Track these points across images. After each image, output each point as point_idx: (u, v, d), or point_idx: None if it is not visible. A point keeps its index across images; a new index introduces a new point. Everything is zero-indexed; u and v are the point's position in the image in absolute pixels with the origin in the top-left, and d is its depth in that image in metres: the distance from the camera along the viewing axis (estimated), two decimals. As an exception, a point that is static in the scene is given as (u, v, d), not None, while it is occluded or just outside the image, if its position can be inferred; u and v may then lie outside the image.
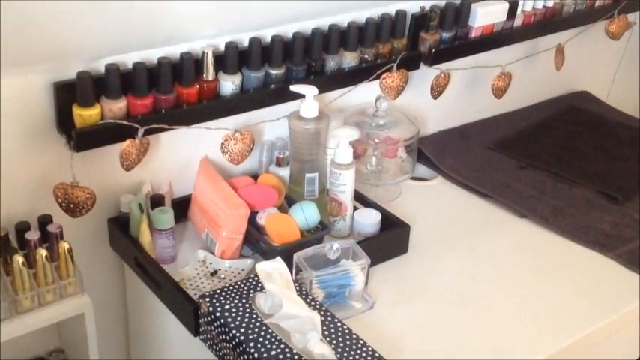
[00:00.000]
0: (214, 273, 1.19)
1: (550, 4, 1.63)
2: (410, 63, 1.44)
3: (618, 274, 1.27)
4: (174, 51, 1.19)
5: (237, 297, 1.03)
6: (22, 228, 1.08)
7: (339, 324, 1.01)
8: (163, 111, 1.17)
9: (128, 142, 1.13)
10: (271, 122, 1.32)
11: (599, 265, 1.30)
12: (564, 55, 1.72)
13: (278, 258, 1.04)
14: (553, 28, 1.67)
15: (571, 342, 1.13)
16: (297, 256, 1.11)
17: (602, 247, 1.33)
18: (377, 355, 0.96)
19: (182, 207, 1.28)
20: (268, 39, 1.27)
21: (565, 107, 1.87)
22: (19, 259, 1.00)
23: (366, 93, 1.42)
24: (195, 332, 1.07)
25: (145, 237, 1.18)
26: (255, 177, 1.32)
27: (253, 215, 1.21)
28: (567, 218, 1.40)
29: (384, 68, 1.40)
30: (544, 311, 1.18)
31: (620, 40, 1.80)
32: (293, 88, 1.25)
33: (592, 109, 1.87)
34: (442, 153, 1.58)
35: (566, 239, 1.35)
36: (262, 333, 0.97)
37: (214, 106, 1.22)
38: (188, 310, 1.06)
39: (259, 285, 1.05)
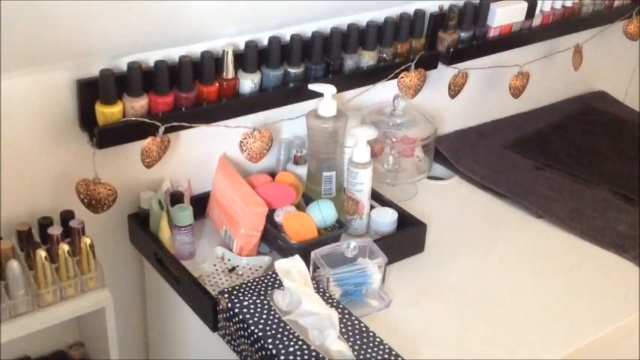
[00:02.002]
0: (232, 270, 1.20)
1: (569, 4, 1.63)
2: (428, 62, 1.44)
3: (635, 276, 1.27)
4: (195, 50, 1.20)
5: (256, 293, 1.04)
6: (44, 223, 1.10)
7: (356, 322, 1.02)
8: (184, 109, 1.18)
9: (149, 139, 1.14)
10: (290, 121, 1.33)
11: (616, 266, 1.30)
12: (582, 55, 1.72)
13: (297, 256, 1.05)
14: (571, 28, 1.67)
15: (587, 343, 1.13)
16: (314, 254, 1.12)
17: (618, 248, 1.33)
18: (394, 352, 0.97)
19: (201, 204, 1.29)
20: (287, 38, 1.27)
21: (582, 107, 1.86)
22: (41, 253, 1.02)
23: (383, 92, 1.43)
24: (214, 328, 1.08)
25: (165, 233, 1.19)
26: (273, 175, 1.33)
27: (271, 213, 1.22)
28: (584, 219, 1.40)
29: (402, 67, 1.40)
30: (560, 312, 1.18)
31: (639, 40, 1.80)
32: (311, 87, 1.26)
33: (609, 110, 1.87)
34: (459, 152, 1.58)
35: (582, 240, 1.35)
36: (280, 329, 0.98)
37: (234, 105, 1.23)
38: (207, 305, 1.07)
39: (277, 282, 1.06)
